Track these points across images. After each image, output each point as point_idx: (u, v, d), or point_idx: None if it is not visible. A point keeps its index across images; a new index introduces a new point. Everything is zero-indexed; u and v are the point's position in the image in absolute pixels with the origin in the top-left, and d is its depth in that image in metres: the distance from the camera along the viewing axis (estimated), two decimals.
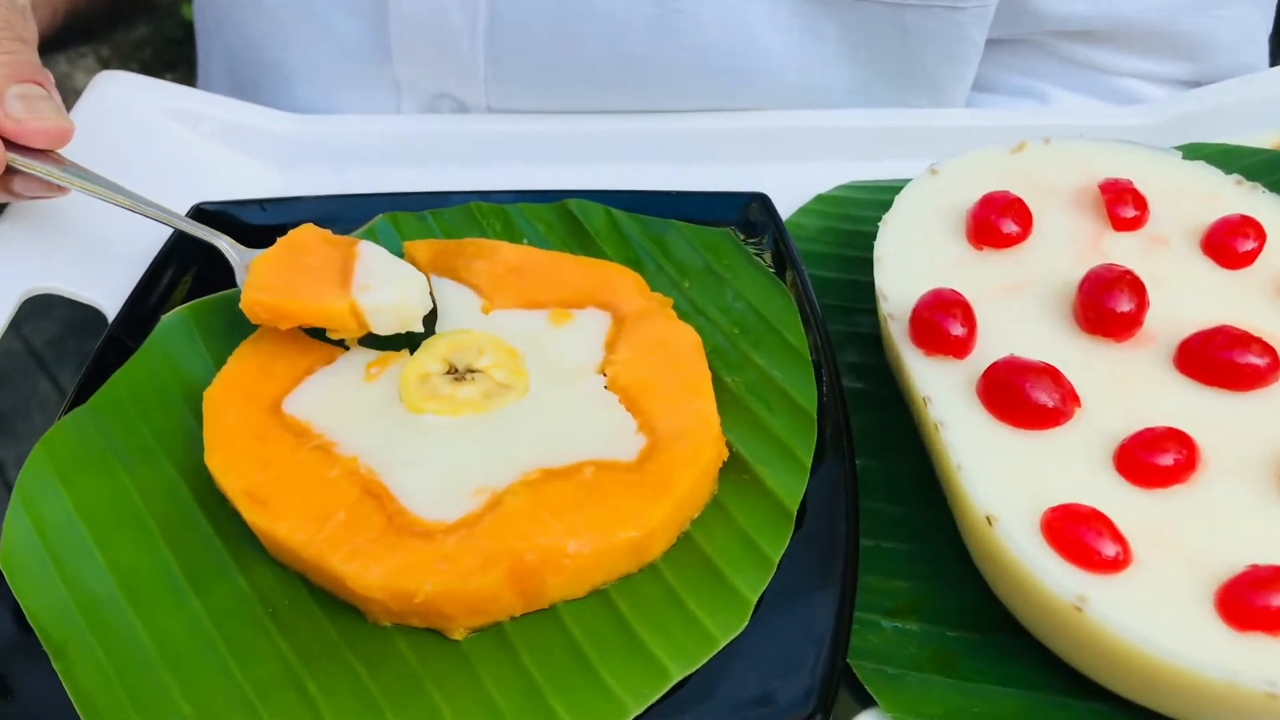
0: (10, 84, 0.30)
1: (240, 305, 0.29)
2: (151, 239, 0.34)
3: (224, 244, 0.32)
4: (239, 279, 0.31)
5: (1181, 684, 0.22)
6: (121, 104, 0.39)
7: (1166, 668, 0.22)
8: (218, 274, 0.33)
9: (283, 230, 0.33)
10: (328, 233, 0.31)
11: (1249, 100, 0.38)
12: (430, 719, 0.23)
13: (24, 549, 0.27)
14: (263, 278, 0.29)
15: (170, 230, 0.34)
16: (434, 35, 0.38)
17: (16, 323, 2.04)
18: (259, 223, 0.35)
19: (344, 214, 0.35)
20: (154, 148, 0.37)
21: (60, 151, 0.32)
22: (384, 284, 0.29)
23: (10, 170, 0.30)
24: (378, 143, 0.39)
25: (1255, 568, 0.23)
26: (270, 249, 0.30)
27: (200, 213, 0.35)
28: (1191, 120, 0.38)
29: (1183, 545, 0.24)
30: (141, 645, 0.25)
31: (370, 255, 0.30)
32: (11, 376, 2.00)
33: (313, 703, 0.24)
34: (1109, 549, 0.24)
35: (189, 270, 0.34)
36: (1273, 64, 0.41)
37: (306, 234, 0.31)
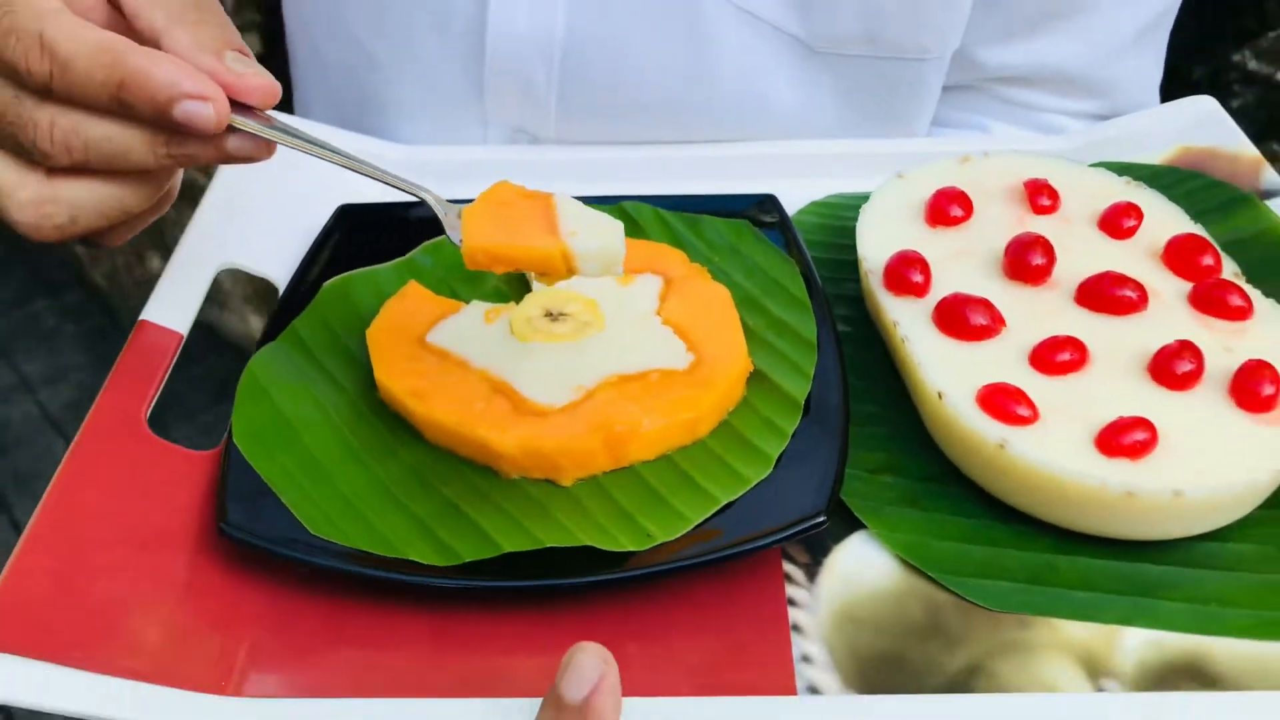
0: (226, 46, 0.34)
1: (463, 253, 0.34)
2: (310, 220, 0.46)
3: (429, 197, 0.37)
4: (446, 228, 0.36)
5: (1070, 494, 0.33)
6: None
7: (1060, 482, 0.33)
8: (363, 251, 0.44)
9: (419, 225, 0.44)
10: (522, 187, 0.36)
11: (1143, 129, 0.50)
12: (554, 529, 0.34)
13: (250, 431, 0.37)
14: (477, 227, 0.34)
15: (330, 211, 0.45)
16: (518, 83, 0.49)
17: (32, 387, 2.13)
18: (399, 218, 0.46)
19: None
20: (293, 167, 0.48)
21: None
22: (588, 231, 0.34)
23: (227, 130, 0.33)
24: (473, 168, 0.50)
25: (1121, 418, 0.33)
26: (474, 202, 0.35)
27: (348, 210, 0.46)
28: (1100, 144, 0.50)
29: (1074, 409, 0.34)
30: (339, 493, 0.35)
31: (568, 206, 0.35)
32: (28, 440, 2.09)
33: (472, 522, 0.34)
34: (1023, 410, 0.34)
35: (342, 245, 0.45)
36: (1163, 101, 0.53)
37: (504, 188, 0.36)
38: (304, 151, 0.35)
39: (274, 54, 0.60)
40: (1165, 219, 0.42)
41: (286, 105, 0.62)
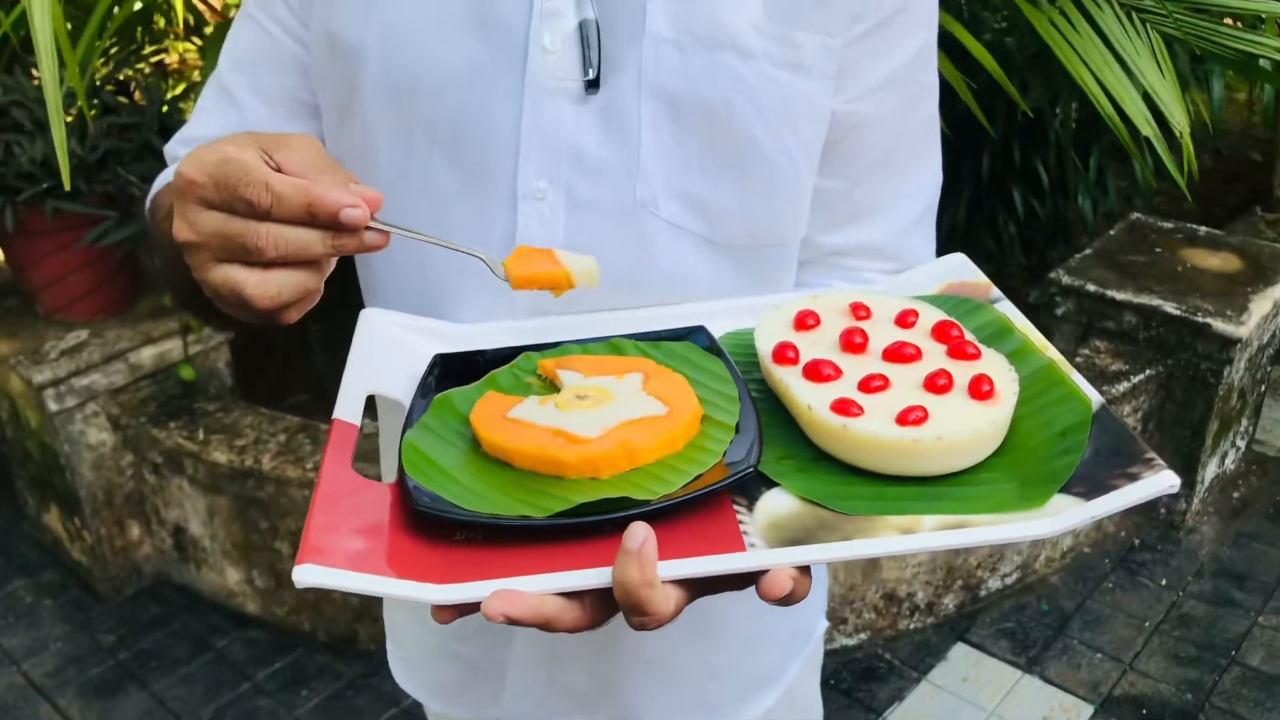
0: (348, 180, 0.58)
1: (511, 285, 0.64)
2: (416, 362, 0.72)
3: (485, 257, 0.65)
4: (495, 273, 0.65)
5: (882, 448, 0.60)
6: (370, 320, 0.77)
7: (877, 442, 0.60)
8: (450, 380, 0.71)
9: (486, 363, 0.71)
10: (534, 248, 0.66)
11: (925, 275, 0.80)
12: (601, 492, 0.59)
13: (415, 469, 0.62)
14: (516, 268, 0.64)
15: (435, 349, 0.72)
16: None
17: (15, 660, 2.32)
18: (470, 359, 0.73)
19: (503, 354, 0.73)
20: (395, 347, 0.74)
21: None
22: (577, 263, 0.64)
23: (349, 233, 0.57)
24: (510, 333, 0.77)
25: (908, 406, 0.61)
26: (511, 255, 0.65)
27: (441, 355, 0.73)
28: (898, 286, 0.80)
29: (884, 408, 0.62)
30: (473, 490, 0.60)
31: (563, 254, 0.64)
32: (15, 709, 2.21)
33: (555, 496, 0.59)
34: (855, 409, 0.61)
35: (440, 376, 0.72)
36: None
37: (524, 248, 0.65)
38: (405, 236, 0.61)
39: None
40: (932, 316, 0.71)
41: (359, 299, 0.88)
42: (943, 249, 0.84)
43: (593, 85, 0.72)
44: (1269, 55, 1.99)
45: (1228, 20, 2.39)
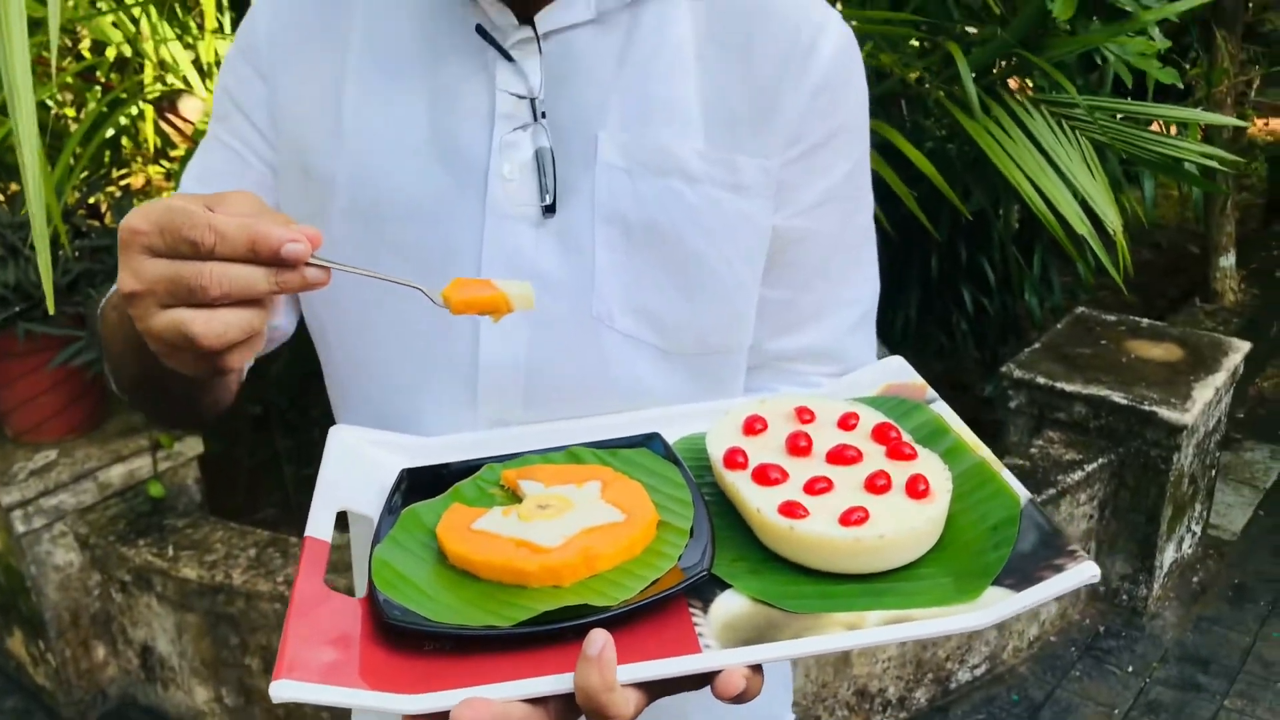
0: (287, 221, 0.59)
1: (451, 310, 0.66)
2: (384, 476, 0.76)
3: (424, 288, 0.67)
4: (435, 302, 0.66)
5: (827, 548, 0.64)
6: (340, 437, 0.80)
7: (822, 542, 0.64)
8: (418, 493, 0.74)
9: (450, 476, 0.75)
10: (470, 278, 0.69)
11: (865, 377, 0.85)
12: (562, 600, 0.62)
13: (384, 582, 0.65)
14: (454, 295, 0.66)
15: (401, 464, 0.76)
16: (500, 396, 0.82)
17: None
18: (436, 472, 0.77)
19: (468, 466, 0.77)
20: (363, 462, 0.78)
21: None
22: (513, 286, 0.67)
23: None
24: (471, 446, 0.81)
25: (851, 507, 0.65)
26: (448, 286, 0.66)
27: (409, 472, 0.77)
28: (841, 389, 0.85)
29: (827, 509, 0.66)
30: (442, 603, 0.63)
31: (502, 281, 0.67)
32: None
33: (518, 605, 0.62)
34: (801, 511, 0.66)
35: (407, 490, 0.75)
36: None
37: (460, 279, 0.67)
38: (345, 271, 0.63)
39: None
40: (872, 418, 0.76)
41: (329, 414, 0.92)
42: (896, 347, 0.89)
43: (549, 210, 0.77)
44: (1192, 159, 2.10)
45: (1154, 125, 2.52)
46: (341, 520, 0.77)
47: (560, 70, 0.77)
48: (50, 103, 2.49)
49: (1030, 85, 2.44)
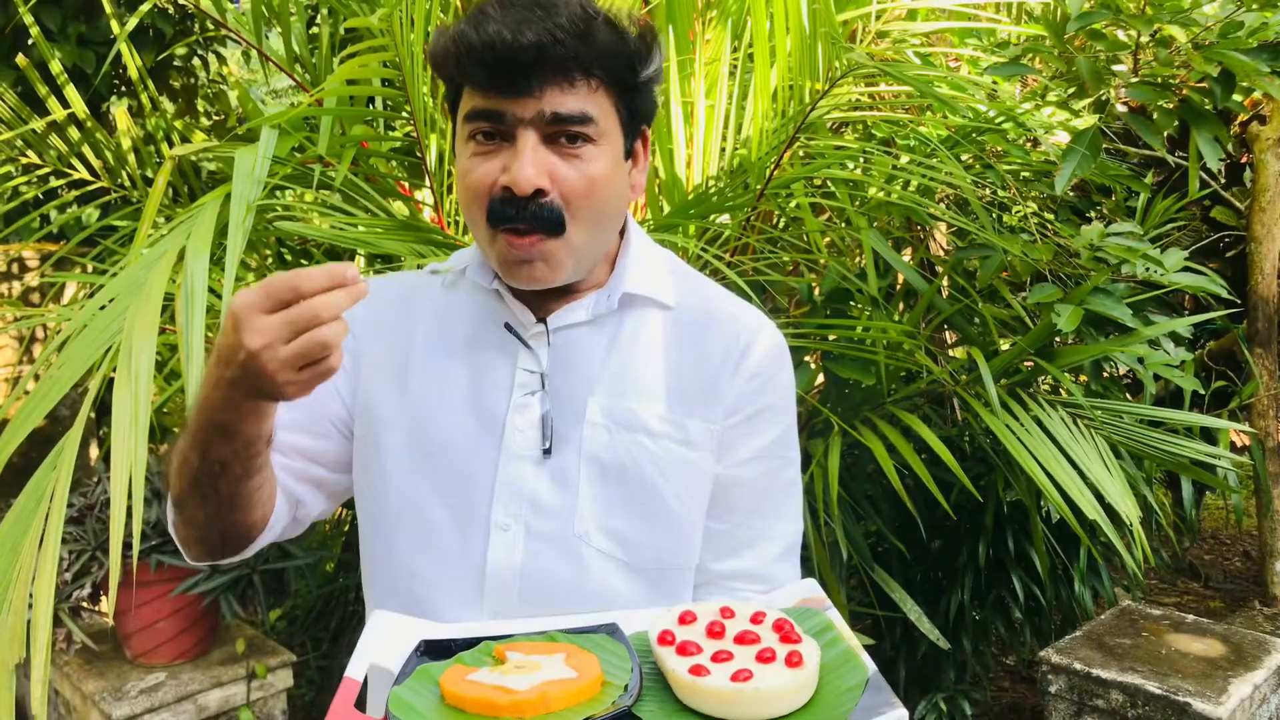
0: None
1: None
2: (408, 645, 1.01)
3: None
4: None
5: (723, 698, 0.87)
6: (380, 614, 1.07)
7: (719, 694, 0.87)
8: (433, 655, 0.99)
9: (455, 642, 1.00)
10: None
11: (786, 594, 1.09)
12: None
13: (397, 706, 0.90)
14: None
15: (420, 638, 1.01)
16: (501, 594, 1.07)
17: None
18: (445, 644, 1.02)
19: (470, 641, 1.02)
20: (393, 633, 1.04)
21: None
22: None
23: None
24: (477, 630, 1.07)
25: (741, 669, 0.88)
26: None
27: (426, 641, 1.02)
28: (770, 601, 1.08)
29: (724, 672, 0.89)
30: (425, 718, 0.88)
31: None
32: None
33: None
34: (705, 671, 0.89)
35: (424, 654, 1.00)
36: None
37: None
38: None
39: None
40: (775, 615, 0.99)
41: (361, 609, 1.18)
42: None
43: (547, 453, 1.06)
44: (1194, 458, 2.30)
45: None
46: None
47: (563, 355, 1.09)
48: None
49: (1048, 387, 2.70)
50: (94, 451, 3.63)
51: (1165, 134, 2.57)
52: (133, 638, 2.43)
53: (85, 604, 2.46)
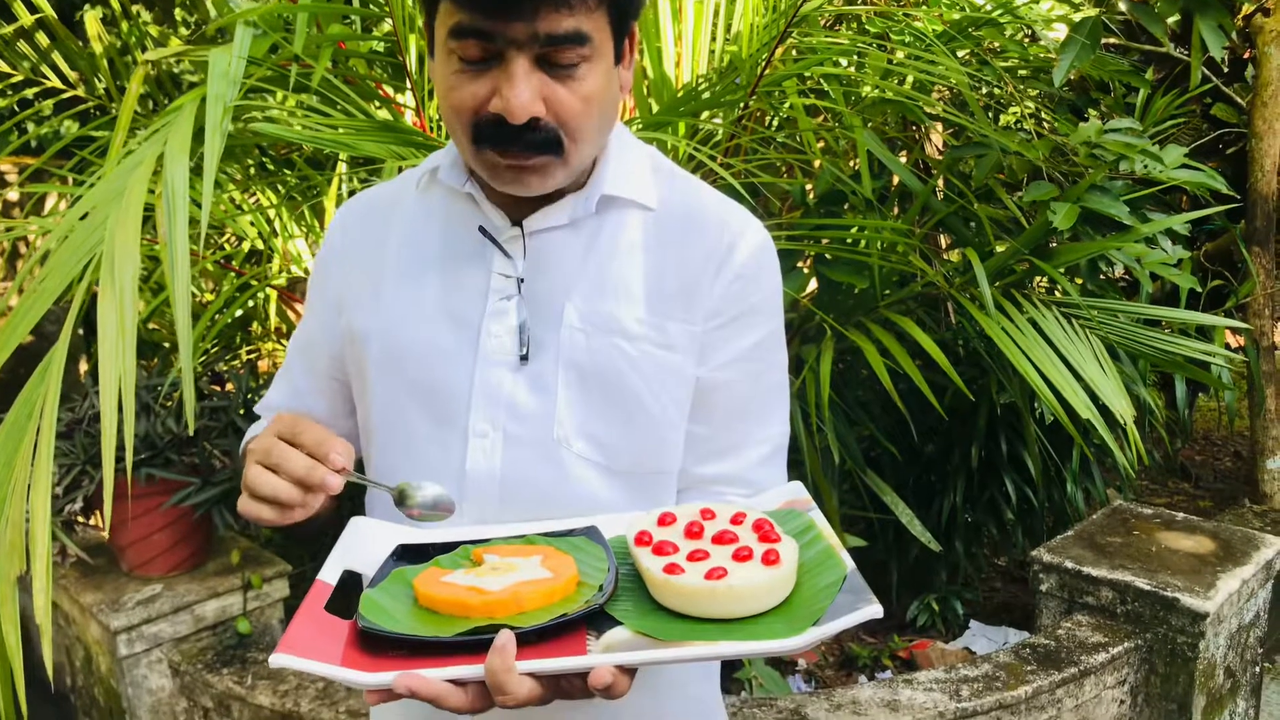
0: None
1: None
2: (384, 550, 1.00)
3: (393, 493, 0.99)
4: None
5: (695, 595, 0.86)
6: (357, 521, 1.06)
7: (690, 590, 0.86)
8: (410, 558, 0.98)
9: (432, 547, 0.99)
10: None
11: (770, 497, 1.07)
12: (491, 624, 0.85)
13: (370, 610, 0.89)
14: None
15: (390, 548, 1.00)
16: (481, 500, 1.06)
17: None
18: (421, 548, 1.01)
19: (448, 545, 1.01)
20: (370, 538, 1.03)
21: None
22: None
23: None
24: (455, 535, 1.06)
25: (716, 566, 0.87)
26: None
27: (403, 546, 1.01)
28: (754, 504, 1.07)
29: (699, 569, 0.88)
30: (408, 621, 0.87)
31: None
32: None
33: (464, 622, 0.86)
34: (679, 570, 0.88)
35: (401, 558, 0.99)
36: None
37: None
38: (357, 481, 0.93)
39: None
40: (755, 516, 0.98)
41: (360, 506, 1.18)
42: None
43: (524, 359, 1.04)
44: (1189, 355, 2.28)
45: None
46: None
47: (539, 259, 1.06)
48: (194, 290, 2.93)
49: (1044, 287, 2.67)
50: (83, 367, 3.62)
51: (1169, 23, 2.49)
52: (128, 550, 2.43)
53: (79, 519, 2.46)
